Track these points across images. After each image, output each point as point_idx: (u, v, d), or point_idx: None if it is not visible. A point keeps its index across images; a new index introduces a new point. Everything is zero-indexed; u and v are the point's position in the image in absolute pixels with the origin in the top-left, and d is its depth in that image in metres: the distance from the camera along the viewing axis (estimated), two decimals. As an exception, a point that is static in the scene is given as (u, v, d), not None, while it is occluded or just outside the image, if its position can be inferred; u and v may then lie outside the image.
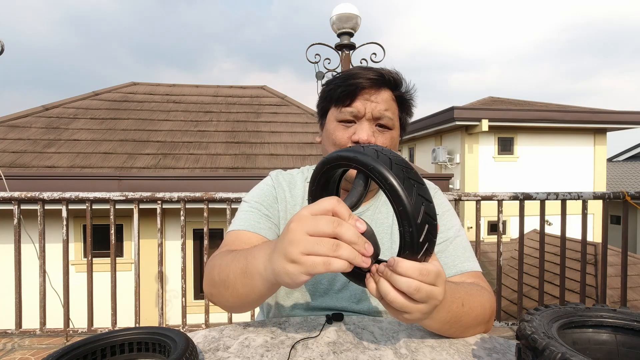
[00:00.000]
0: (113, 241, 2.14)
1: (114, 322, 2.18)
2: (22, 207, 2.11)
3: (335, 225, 0.43)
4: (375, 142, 0.76)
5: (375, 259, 0.48)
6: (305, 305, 0.80)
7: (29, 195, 2.07)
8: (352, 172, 0.50)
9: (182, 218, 2.14)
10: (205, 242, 2.15)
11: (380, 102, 0.77)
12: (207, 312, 2.19)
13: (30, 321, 2.18)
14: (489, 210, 2.86)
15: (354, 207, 0.48)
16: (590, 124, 10.14)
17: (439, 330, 0.62)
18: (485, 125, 9.52)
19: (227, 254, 0.66)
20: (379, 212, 0.85)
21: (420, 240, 0.44)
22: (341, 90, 0.77)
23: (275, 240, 0.53)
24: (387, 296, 0.46)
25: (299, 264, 0.44)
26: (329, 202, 0.45)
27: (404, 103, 0.82)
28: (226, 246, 0.74)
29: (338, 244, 0.43)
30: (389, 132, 0.79)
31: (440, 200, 0.86)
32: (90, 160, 4.72)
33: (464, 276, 0.75)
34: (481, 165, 10.18)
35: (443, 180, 4.88)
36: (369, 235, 0.46)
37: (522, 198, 2.22)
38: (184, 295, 2.16)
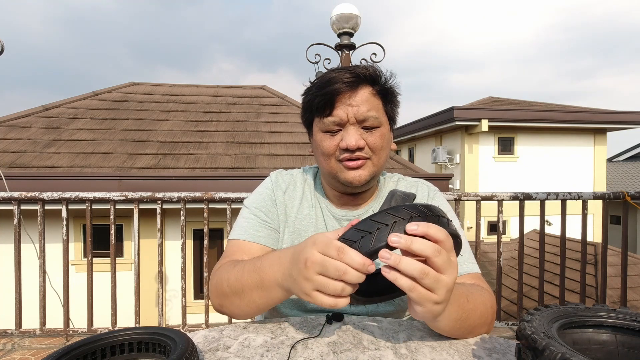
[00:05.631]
0: (113, 241, 2.14)
1: (114, 322, 2.18)
2: (22, 207, 2.11)
3: (340, 273, 0.49)
4: (364, 145, 0.75)
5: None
6: (305, 306, 0.80)
7: (29, 195, 2.07)
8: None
9: (182, 218, 2.14)
10: (205, 242, 2.15)
11: (361, 104, 0.74)
12: (207, 312, 2.20)
13: (30, 321, 2.18)
14: (489, 210, 2.86)
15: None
16: (590, 124, 10.14)
17: (449, 329, 0.61)
18: (485, 125, 9.52)
19: (232, 265, 0.70)
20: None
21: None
22: (319, 100, 0.75)
23: (288, 256, 0.58)
24: (396, 281, 0.48)
25: (311, 297, 0.52)
26: (336, 248, 0.50)
27: (386, 95, 0.79)
28: (228, 257, 0.77)
29: (343, 288, 0.49)
30: (377, 130, 0.77)
31: (440, 201, 0.86)
32: (90, 160, 4.72)
33: (463, 278, 0.75)
34: (481, 165, 10.19)
35: (443, 180, 4.87)
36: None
37: (522, 198, 2.22)
38: (184, 295, 2.16)
